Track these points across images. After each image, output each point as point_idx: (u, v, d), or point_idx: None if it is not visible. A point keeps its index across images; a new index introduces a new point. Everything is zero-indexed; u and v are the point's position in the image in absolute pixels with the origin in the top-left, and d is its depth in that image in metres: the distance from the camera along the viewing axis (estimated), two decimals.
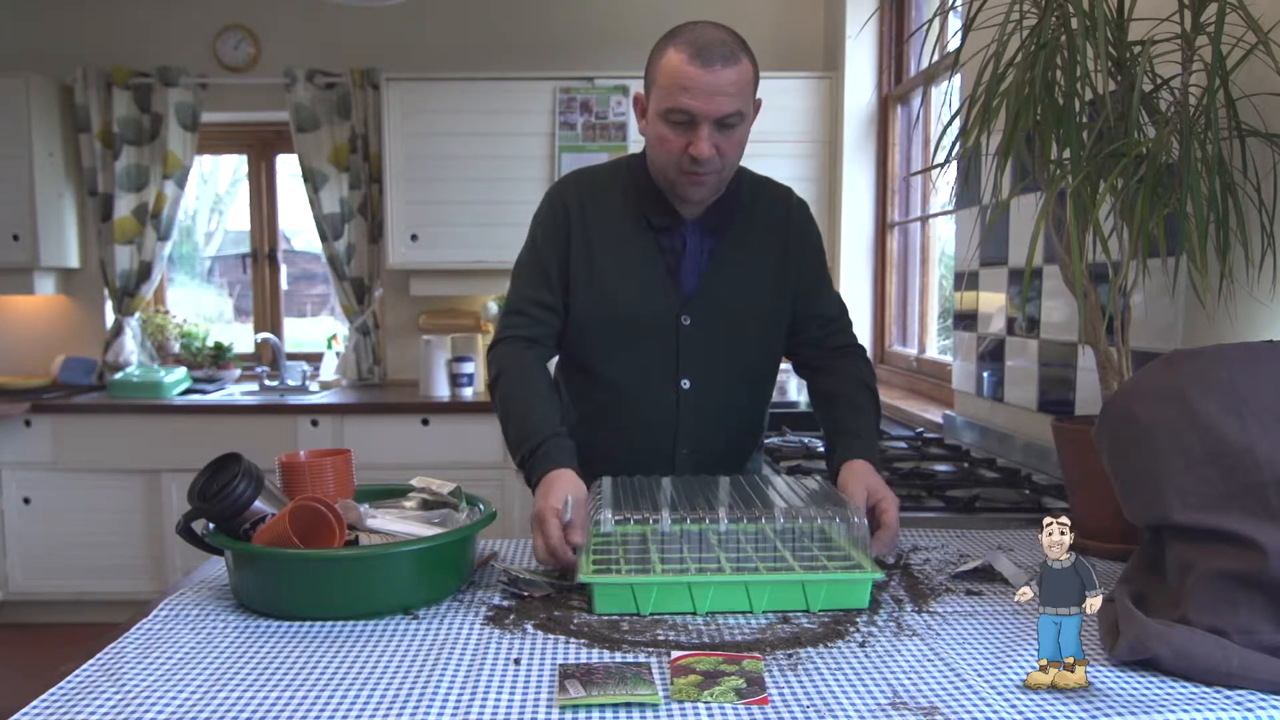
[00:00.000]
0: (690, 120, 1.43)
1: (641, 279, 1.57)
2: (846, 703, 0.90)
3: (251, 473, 1.23)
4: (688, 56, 1.41)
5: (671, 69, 1.42)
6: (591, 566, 1.19)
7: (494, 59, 4.14)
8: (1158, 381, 1.09)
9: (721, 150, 1.47)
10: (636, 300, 1.57)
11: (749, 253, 1.61)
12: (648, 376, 1.59)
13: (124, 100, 4.07)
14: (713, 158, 1.46)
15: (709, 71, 1.40)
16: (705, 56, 1.40)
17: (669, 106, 1.43)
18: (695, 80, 1.40)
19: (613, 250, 1.58)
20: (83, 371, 4.16)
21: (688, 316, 1.57)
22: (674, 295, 1.57)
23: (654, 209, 1.57)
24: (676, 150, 1.46)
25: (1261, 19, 1.23)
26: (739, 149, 1.51)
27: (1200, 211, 1.21)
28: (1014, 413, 2.24)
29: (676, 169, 1.48)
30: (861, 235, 3.84)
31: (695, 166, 1.46)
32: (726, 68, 1.41)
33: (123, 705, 0.90)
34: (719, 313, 1.58)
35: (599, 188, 1.62)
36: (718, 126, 1.44)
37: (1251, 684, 0.92)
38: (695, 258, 1.59)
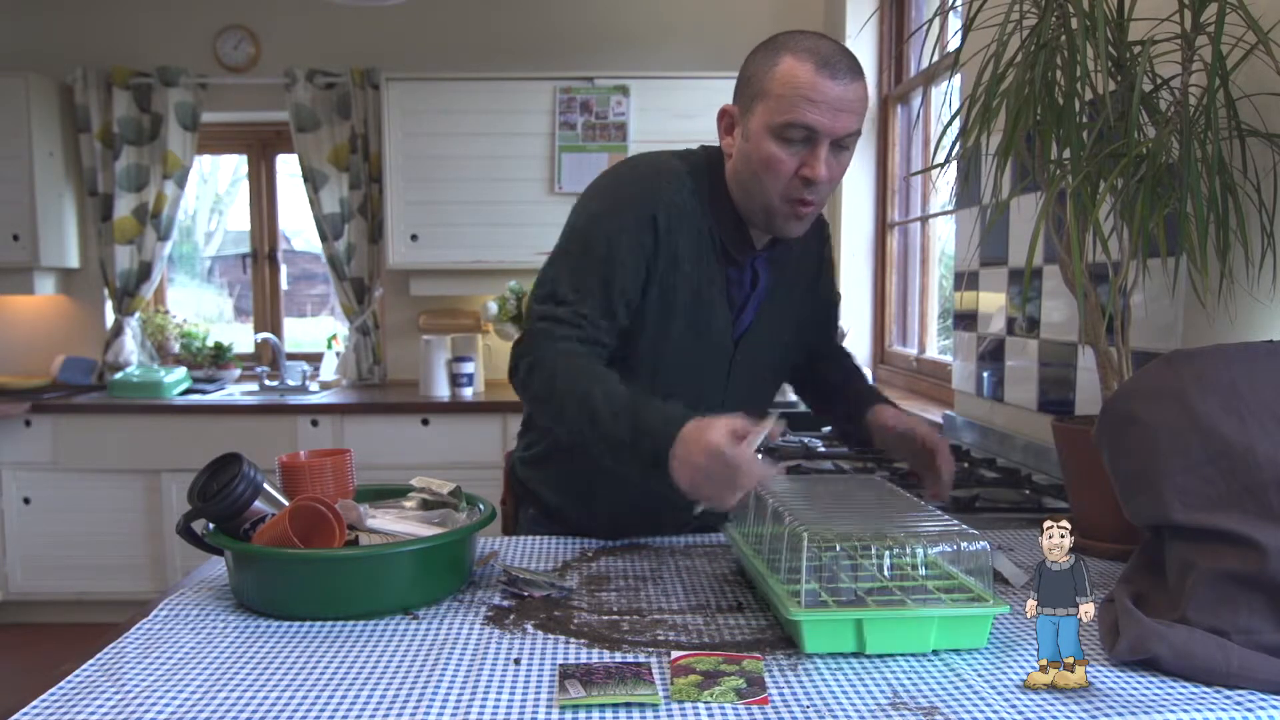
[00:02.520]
0: (809, 137, 1.28)
1: (710, 320, 1.43)
2: (846, 703, 0.90)
3: (251, 473, 1.23)
4: (814, 66, 1.26)
5: (793, 78, 1.26)
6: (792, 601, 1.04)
7: (494, 59, 4.14)
8: (1158, 381, 1.09)
9: (834, 175, 1.32)
10: (701, 330, 1.42)
11: (791, 283, 1.52)
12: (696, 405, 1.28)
13: (124, 100, 4.07)
14: (824, 183, 1.31)
15: (838, 83, 1.26)
16: (834, 67, 1.26)
17: (788, 121, 1.27)
18: (825, 92, 1.26)
19: (685, 273, 1.39)
20: (83, 371, 4.16)
21: (740, 352, 1.48)
22: (730, 327, 1.45)
23: (733, 238, 1.41)
24: (788, 172, 1.30)
25: (1261, 19, 1.23)
26: (843, 174, 1.37)
27: (1200, 211, 1.21)
28: (1014, 413, 2.24)
29: (783, 196, 1.32)
30: (861, 235, 3.84)
31: (806, 192, 1.31)
32: (856, 81, 1.28)
33: (123, 705, 0.90)
34: (764, 347, 1.50)
35: (688, 207, 1.39)
36: (834, 147, 1.30)
37: (1251, 684, 0.92)
38: (760, 291, 1.48)
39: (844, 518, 1.15)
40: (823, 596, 1.08)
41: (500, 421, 3.65)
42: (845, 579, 1.12)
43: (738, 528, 1.34)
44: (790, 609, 1.02)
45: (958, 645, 1.03)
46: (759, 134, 1.31)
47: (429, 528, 1.26)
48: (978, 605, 1.04)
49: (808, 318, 1.60)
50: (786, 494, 1.24)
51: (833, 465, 2.14)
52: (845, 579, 1.12)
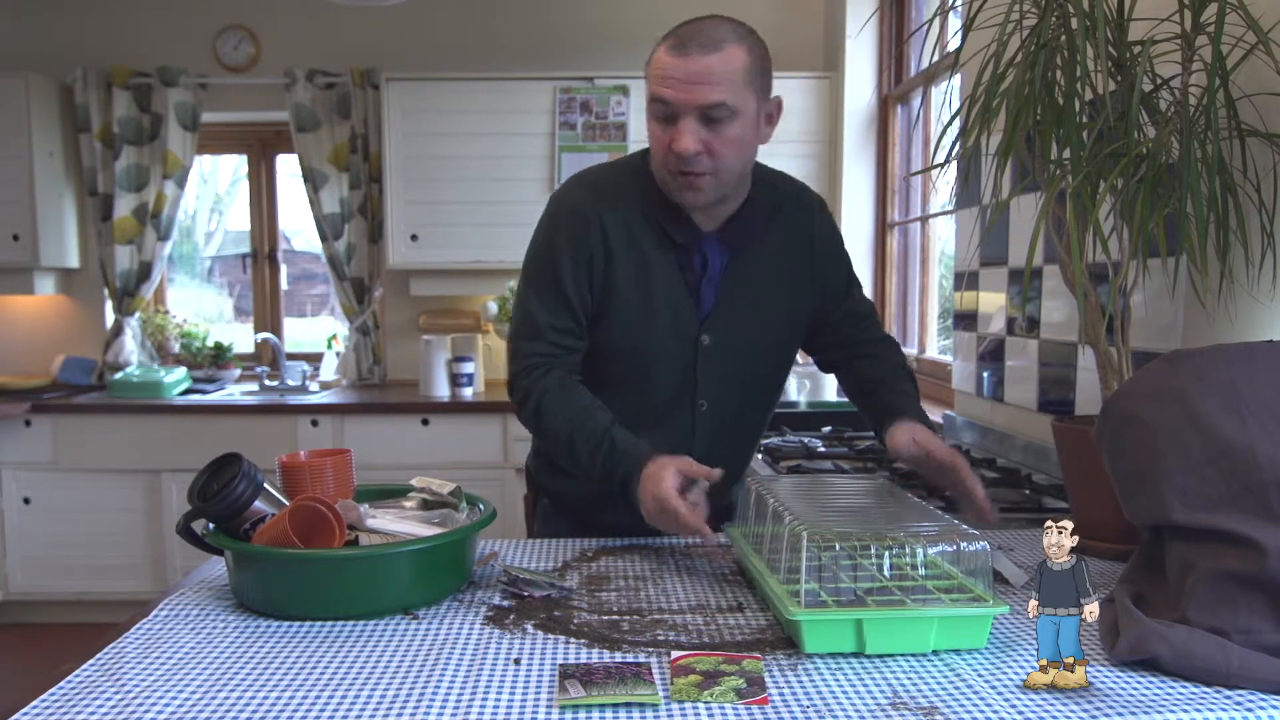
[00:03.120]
0: (671, 113, 1.36)
1: (663, 304, 1.49)
2: (846, 703, 0.90)
3: (251, 473, 1.23)
4: (669, 46, 1.36)
5: (656, 60, 1.38)
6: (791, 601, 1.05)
7: (494, 59, 4.14)
8: (1158, 381, 1.09)
9: (711, 149, 1.37)
10: (657, 326, 1.49)
11: (768, 265, 1.53)
12: (665, 400, 1.53)
13: (124, 100, 4.07)
14: (699, 156, 1.37)
15: (684, 59, 1.34)
16: (683, 45, 1.35)
17: (650, 98, 1.38)
18: (672, 68, 1.35)
19: (635, 273, 1.48)
20: (83, 371, 4.16)
21: (707, 336, 1.51)
22: (692, 313, 1.50)
23: (673, 223, 1.48)
24: (664, 147, 1.39)
25: (1261, 19, 1.23)
26: (736, 149, 1.39)
27: (1200, 211, 1.21)
28: (1014, 413, 2.24)
29: (668, 170, 1.41)
30: (861, 235, 3.84)
31: (682, 165, 1.37)
32: (705, 55, 1.34)
33: (123, 705, 0.90)
34: (737, 330, 1.52)
35: (620, 200, 1.49)
36: (703, 121, 1.36)
37: (1251, 684, 0.92)
38: (714, 273, 1.51)
39: (844, 518, 1.15)
40: (823, 596, 1.08)
41: (500, 421, 3.65)
42: (845, 579, 1.12)
43: (738, 528, 1.34)
44: (790, 609, 1.02)
45: (958, 645, 1.03)
46: (647, 115, 1.43)
47: (429, 528, 1.26)
48: (978, 605, 1.04)
49: (801, 302, 1.58)
50: (786, 494, 1.24)
51: (833, 465, 2.14)
52: (845, 579, 1.12)
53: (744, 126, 1.39)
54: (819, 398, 3.02)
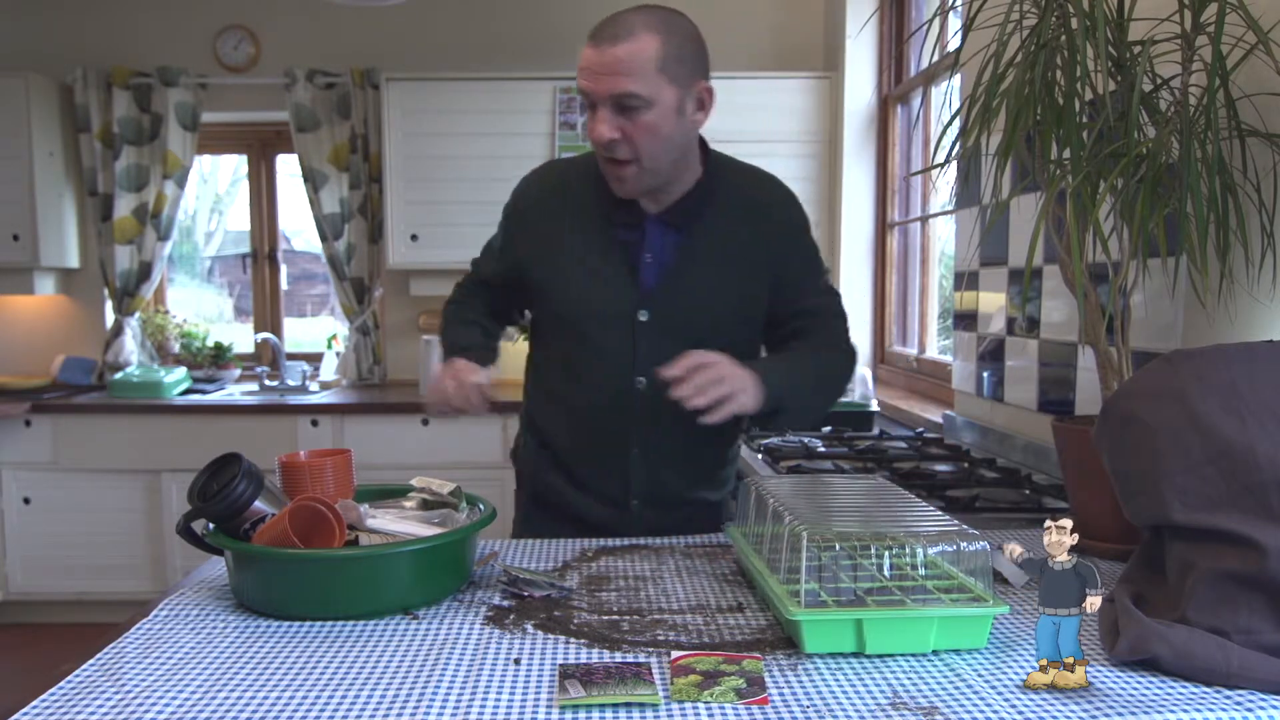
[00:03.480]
0: (591, 102, 1.42)
1: (597, 274, 1.54)
2: (846, 703, 0.90)
3: (251, 473, 1.23)
4: (590, 37, 1.42)
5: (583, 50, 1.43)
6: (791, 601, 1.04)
7: (494, 59, 4.14)
8: (1158, 381, 1.09)
9: (629, 135, 1.41)
10: (589, 296, 1.54)
11: (720, 248, 1.54)
12: (604, 373, 1.56)
13: (124, 100, 4.07)
14: (617, 143, 1.41)
15: (597, 50, 1.39)
16: (596, 37, 1.40)
17: (577, 90, 1.45)
18: (587, 60, 1.40)
19: (569, 246, 1.56)
20: (83, 371, 4.16)
21: (645, 312, 1.53)
22: (632, 291, 1.53)
23: (615, 204, 1.53)
24: (591, 136, 1.44)
25: (1261, 19, 1.23)
26: (653, 136, 1.42)
27: (1200, 211, 1.21)
28: (1014, 413, 2.24)
29: (600, 156, 1.47)
30: (861, 235, 3.84)
31: (605, 152, 1.43)
32: (615, 45, 1.38)
33: (123, 705, 0.90)
34: (680, 310, 1.53)
35: (565, 182, 1.60)
36: (618, 109, 1.40)
37: (1251, 684, 0.92)
38: (658, 253, 1.54)
39: (844, 518, 1.15)
40: (823, 596, 1.08)
41: (500, 421, 3.65)
42: (845, 579, 1.12)
43: (738, 528, 1.34)
44: (790, 609, 1.02)
45: (958, 645, 1.03)
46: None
47: (429, 528, 1.26)
48: (978, 605, 1.04)
49: (752, 290, 1.56)
50: (786, 494, 1.24)
51: (833, 465, 2.14)
52: (845, 579, 1.12)
53: (660, 114, 1.42)
54: None
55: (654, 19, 1.41)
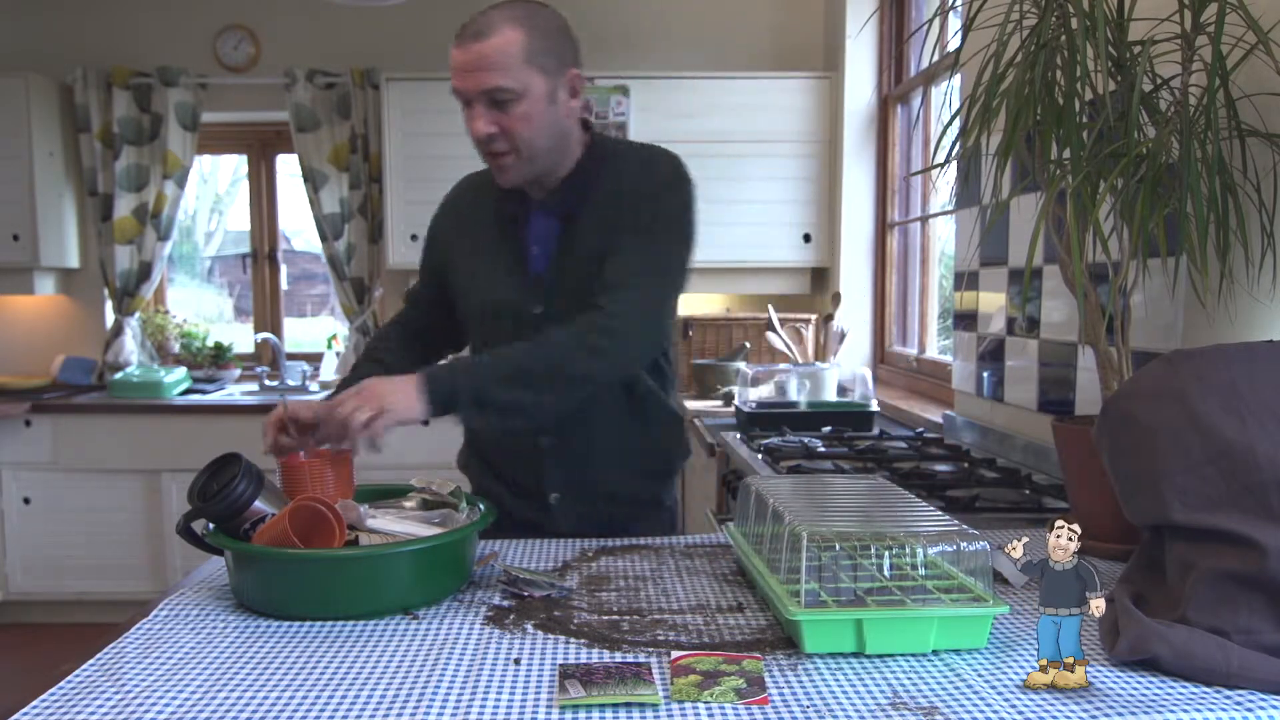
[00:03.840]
0: (466, 101, 1.45)
1: (491, 271, 1.58)
2: (846, 703, 0.90)
3: (251, 473, 1.23)
4: (456, 38, 1.45)
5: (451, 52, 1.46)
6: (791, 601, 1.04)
7: None
8: (1158, 381, 1.09)
9: (505, 128, 1.44)
10: (485, 292, 1.58)
11: (598, 232, 1.51)
12: None
13: (124, 100, 4.07)
14: (495, 136, 1.45)
15: (462, 49, 1.43)
16: (461, 36, 1.44)
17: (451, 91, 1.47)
18: (455, 60, 1.44)
19: (470, 246, 1.62)
20: (83, 371, 4.16)
21: (539, 305, 1.53)
22: (523, 284, 1.55)
23: (502, 198, 1.58)
24: (471, 134, 1.48)
25: (1261, 19, 1.23)
26: (528, 125, 1.44)
27: (1200, 211, 1.21)
28: (1014, 413, 2.24)
29: (481, 153, 1.50)
30: (861, 235, 3.84)
31: (484, 146, 1.47)
32: (480, 42, 1.42)
33: (123, 705, 0.90)
34: (570, 296, 1.48)
35: (465, 192, 1.70)
36: (491, 104, 1.43)
37: (1251, 684, 0.92)
38: (543, 243, 1.55)
39: (844, 518, 1.15)
40: (823, 596, 1.08)
41: None
42: (845, 579, 1.12)
43: (738, 528, 1.34)
44: (790, 609, 1.02)
45: (958, 645, 1.03)
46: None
47: (429, 528, 1.26)
48: (978, 605, 1.04)
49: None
50: (786, 494, 1.24)
51: (833, 465, 2.14)
52: (845, 579, 1.12)
53: (532, 104, 1.45)
54: (819, 398, 3.02)
55: (517, 13, 1.45)
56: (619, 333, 1.43)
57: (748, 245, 3.85)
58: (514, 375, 1.39)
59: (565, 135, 1.53)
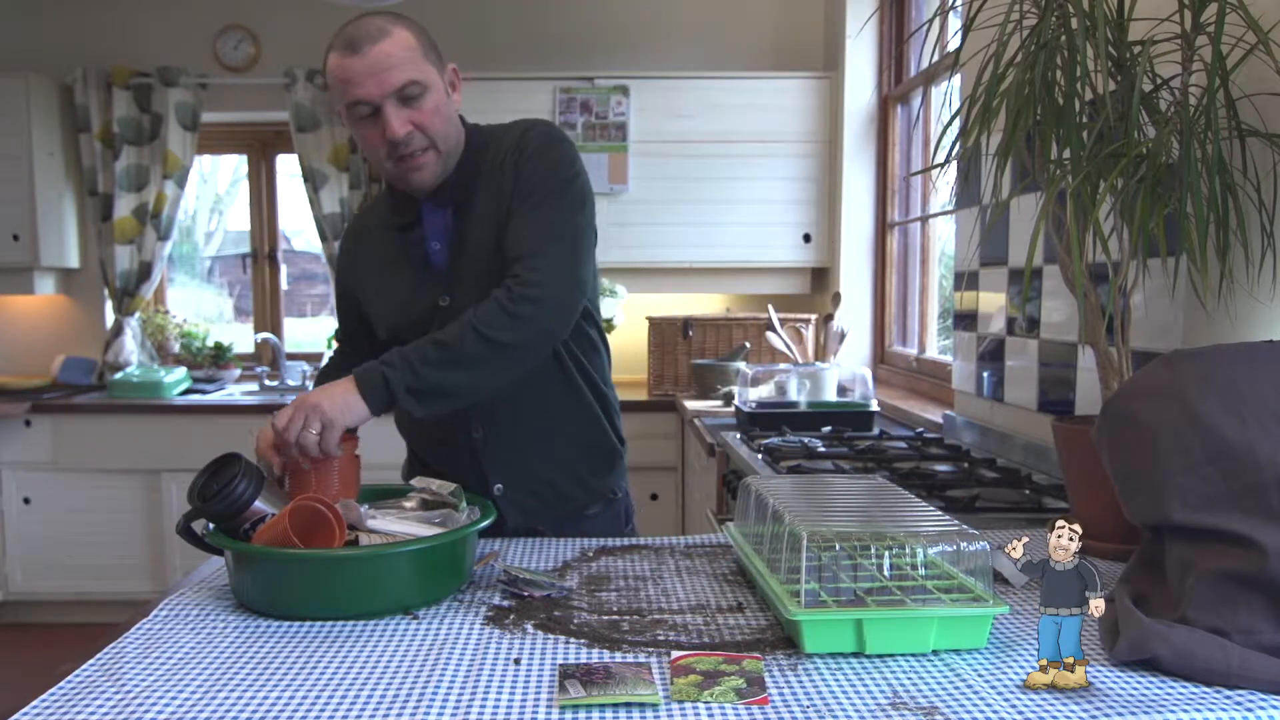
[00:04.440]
0: (373, 109, 1.42)
1: (397, 278, 1.58)
2: (846, 703, 0.90)
3: (251, 473, 1.23)
4: (340, 53, 1.43)
5: (333, 69, 1.44)
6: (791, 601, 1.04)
7: (494, 59, 4.14)
8: (1158, 381, 1.09)
9: (419, 123, 1.44)
10: (398, 304, 1.57)
11: (486, 214, 1.52)
12: None
13: (124, 100, 4.07)
14: (412, 134, 1.43)
15: (359, 56, 1.41)
16: (354, 44, 1.42)
17: (347, 103, 1.43)
18: (352, 69, 1.41)
19: (375, 266, 1.62)
20: (83, 371, 4.16)
21: (445, 297, 1.53)
22: (428, 282, 1.55)
23: (392, 208, 1.58)
24: (379, 144, 1.44)
25: (1261, 19, 1.23)
26: (440, 118, 1.46)
27: (1200, 211, 1.21)
28: (1014, 413, 2.24)
29: (391, 161, 1.46)
30: (861, 235, 3.84)
31: (401, 150, 1.44)
32: (377, 44, 1.41)
33: (123, 705, 0.90)
34: (474, 283, 1.49)
35: (365, 215, 1.72)
36: (401, 102, 1.42)
37: (1251, 684, 0.92)
38: (440, 237, 1.54)
39: (844, 518, 1.15)
40: (823, 596, 1.08)
41: None
42: (845, 579, 1.12)
43: (738, 528, 1.34)
44: (790, 609, 1.02)
45: (958, 645, 1.03)
46: (348, 123, 1.48)
47: (429, 528, 1.26)
48: (978, 605, 1.04)
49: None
50: (786, 494, 1.24)
51: (833, 465, 2.14)
52: (845, 579, 1.12)
53: (437, 96, 1.46)
54: (819, 398, 3.02)
55: (392, 16, 1.46)
56: (536, 298, 1.41)
57: (748, 245, 3.85)
58: (443, 358, 1.37)
59: (459, 128, 1.54)
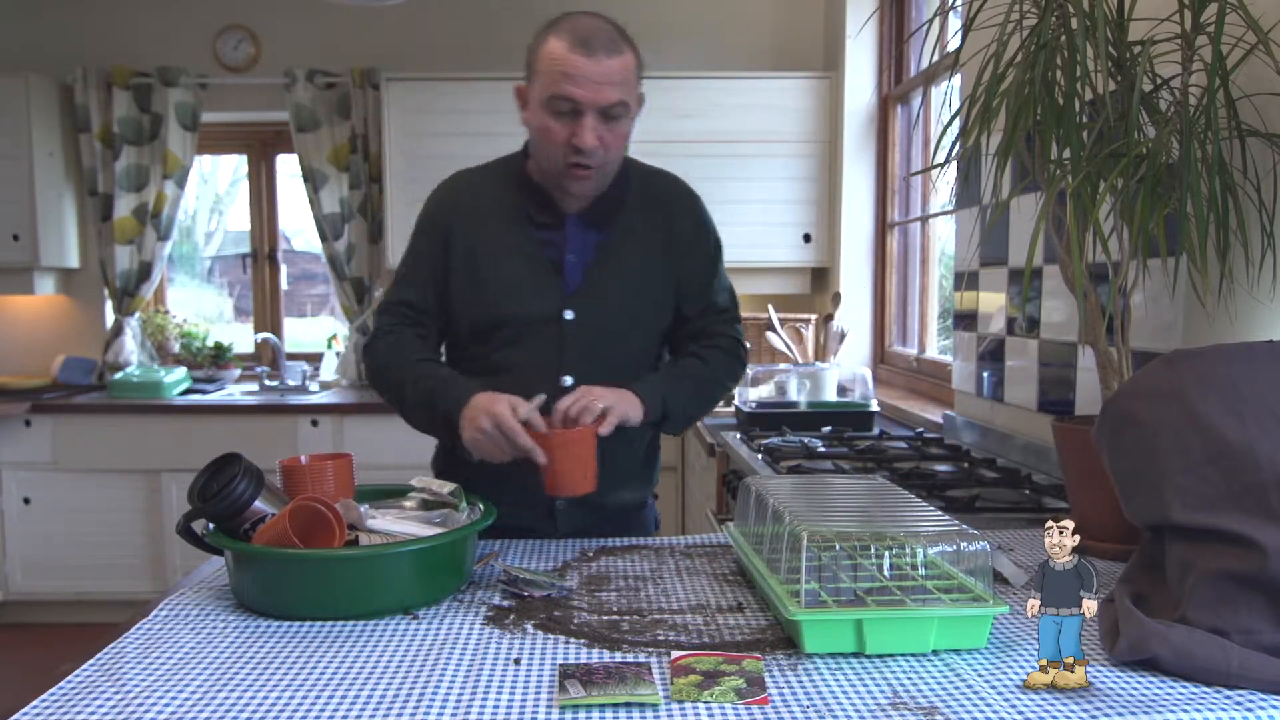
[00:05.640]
0: (574, 109, 1.43)
1: (523, 277, 1.56)
2: (846, 703, 0.90)
3: (251, 473, 1.23)
4: (569, 44, 1.41)
5: (554, 55, 1.42)
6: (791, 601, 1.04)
7: (494, 59, 4.13)
8: (1158, 381, 1.09)
9: (605, 142, 1.46)
10: (518, 298, 1.56)
11: (635, 244, 1.59)
12: (530, 374, 1.54)
13: (124, 100, 4.07)
14: (596, 149, 1.45)
15: (592, 60, 1.41)
16: (589, 45, 1.41)
17: (553, 94, 1.42)
18: (578, 68, 1.40)
19: (494, 250, 1.57)
20: (83, 371, 4.16)
21: (570, 311, 1.55)
22: (557, 291, 1.56)
23: (535, 205, 1.57)
24: (561, 142, 1.45)
25: (1261, 19, 1.23)
26: (623, 142, 1.51)
27: (1200, 211, 1.21)
28: (1014, 413, 2.24)
29: (560, 161, 1.47)
30: (861, 235, 3.84)
31: (579, 158, 1.45)
32: (610, 57, 1.42)
33: (123, 705, 0.90)
34: (603, 307, 1.56)
35: (481, 188, 1.63)
36: (602, 117, 1.44)
37: (1251, 684, 0.92)
38: (580, 252, 1.57)
39: (844, 518, 1.15)
40: (823, 596, 1.08)
41: None
42: (845, 579, 1.12)
43: (738, 528, 1.34)
44: (790, 609, 1.02)
45: (958, 645, 1.03)
46: (535, 108, 1.48)
47: (429, 528, 1.26)
48: (978, 605, 1.04)
49: (664, 292, 1.61)
50: (786, 494, 1.24)
51: (833, 465, 2.14)
52: (845, 579, 1.12)
53: (630, 123, 1.50)
54: (819, 398, 3.02)
55: (620, 30, 1.48)
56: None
57: (748, 245, 3.85)
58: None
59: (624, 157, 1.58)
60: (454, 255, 1.58)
